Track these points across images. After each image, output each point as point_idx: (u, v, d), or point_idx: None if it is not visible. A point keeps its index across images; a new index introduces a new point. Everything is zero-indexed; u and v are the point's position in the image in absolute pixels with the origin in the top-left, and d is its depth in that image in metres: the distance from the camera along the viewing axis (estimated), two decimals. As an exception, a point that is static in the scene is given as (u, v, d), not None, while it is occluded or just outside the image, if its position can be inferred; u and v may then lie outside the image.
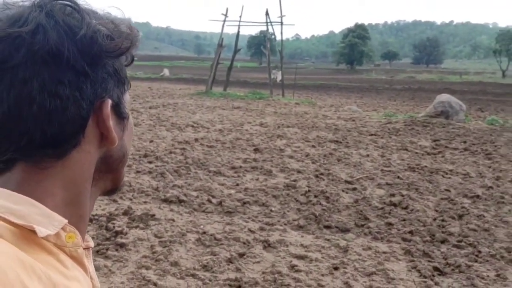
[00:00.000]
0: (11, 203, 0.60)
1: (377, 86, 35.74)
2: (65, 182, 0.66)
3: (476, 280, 4.09)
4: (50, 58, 0.61)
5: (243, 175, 7.13)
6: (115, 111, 0.70)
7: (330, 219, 5.43)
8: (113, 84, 0.69)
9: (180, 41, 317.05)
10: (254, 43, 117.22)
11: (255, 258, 4.31)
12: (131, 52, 0.73)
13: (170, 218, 5.13)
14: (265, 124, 12.24)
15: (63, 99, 0.62)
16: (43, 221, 0.61)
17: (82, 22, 0.64)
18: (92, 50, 0.65)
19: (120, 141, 0.72)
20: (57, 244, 0.62)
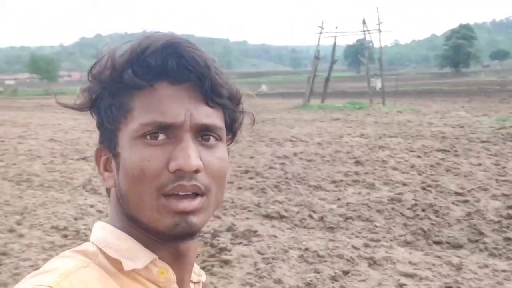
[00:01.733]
0: (112, 238, 0.68)
1: (486, 89, 33.35)
2: (113, 214, 0.72)
3: None
4: None
5: (345, 189, 6.97)
6: (110, 151, 0.69)
7: (440, 234, 5.10)
8: (106, 124, 0.69)
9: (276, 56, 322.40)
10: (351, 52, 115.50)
11: (360, 276, 4.15)
12: (128, 79, 0.66)
13: (272, 234, 5.14)
14: (366, 135, 11.91)
15: None
16: (134, 255, 0.66)
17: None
18: (86, 94, 0.70)
19: (117, 182, 0.68)
20: (150, 278, 0.67)
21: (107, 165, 0.71)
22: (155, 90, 0.65)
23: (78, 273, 0.61)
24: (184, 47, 0.66)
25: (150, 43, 0.65)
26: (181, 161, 0.62)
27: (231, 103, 0.71)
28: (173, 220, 0.63)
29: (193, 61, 0.65)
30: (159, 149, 0.64)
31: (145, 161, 0.63)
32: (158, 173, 0.63)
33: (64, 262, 0.63)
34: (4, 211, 6.07)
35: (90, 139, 11.83)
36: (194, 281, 0.78)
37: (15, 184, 7.59)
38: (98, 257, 0.66)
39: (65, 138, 12.61)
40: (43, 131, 14.17)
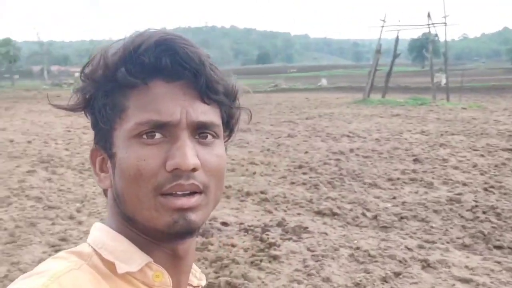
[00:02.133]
0: (108, 239, 0.67)
1: None
2: (109, 215, 0.71)
3: None
4: None
5: (401, 187, 6.76)
6: (106, 151, 0.68)
7: (501, 239, 4.84)
8: (100, 124, 0.67)
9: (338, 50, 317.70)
10: (415, 46, 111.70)
11: (412, 279, 4.01)
12: (121, 77, 0.64)
13: (323, 231, 5.07)
14: (427, 132, 11.50)
15: None
16: (128, 258, 0.65)
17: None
18: (79, 94, 0.69)
19: (113, 182, 0.67)
20: (145, 282, 0.66)
21: (103, 165, 0.70)
22: (149, 88, 0.64)
23: (69, 275, 0.60)
24: (177, 43, 0.64)
25: (143, 41, 0.64)
26: (178, 160, 0.61)
27: (227, 99, 0.69)
28: (171, 217, 0.62)
29: (187, 58, 0.64)
30: (156, 148, 0.63)
31: (142, 160, 0.62)
32: (155, 173, 0.62)
33: (56, 263, 0.62)
34: (66, 199, 6.39)
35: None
36: (194, 285, 0.77)
37: (77, 172, 7.97)
38: (92, 259, 0.65)
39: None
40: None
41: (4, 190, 7.01)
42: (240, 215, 5.70)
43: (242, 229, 5.16)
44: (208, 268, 4.26)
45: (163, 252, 0.68)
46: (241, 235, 5.04)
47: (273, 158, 9.00)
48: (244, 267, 4.23)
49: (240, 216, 5.65)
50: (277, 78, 47.39)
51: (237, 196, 6.50)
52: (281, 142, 10.76)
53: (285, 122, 14.31)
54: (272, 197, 6.32)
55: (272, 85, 39.98)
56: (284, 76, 52.19)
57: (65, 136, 12.26)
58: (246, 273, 4.10)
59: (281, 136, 11.68)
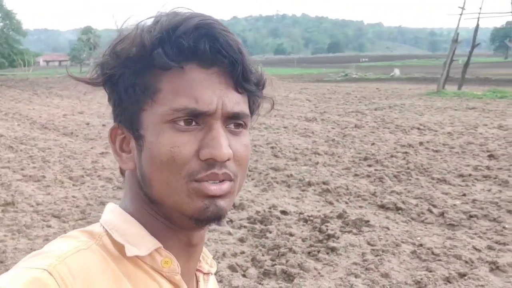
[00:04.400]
0: (119, 221, 0.67)
1: None
2: (127, 197, 0.71)
3: None
4: None
5: (472, 184, 6.41)
6: (131, 131, 0.66)
7: None
8: (125, 103, 0.66)
9: (413, 39, 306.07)
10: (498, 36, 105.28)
11: (479, 281, 3.79)
12: (158, 59, 0.62)
13: (385, 226, 4.92)
14: (505, 127, 10.80)
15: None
16: (138, 241, 0.65)
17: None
18: (100, 67, 0.66)
19: (139, 164, 0.65)
20: (153, 267, 0.66)
21: (123, 144, 0.68)
22: (184, 72, 0.62)
23: (76, 255, 0.60)
24: (217, 29, 0.63)
25: (182, 22, 0.62)
26: (213, 150, 0.61)
27: (257, 89, 0.68)
28: (203, 203, 0.62)
29: (227, 45, 0.62)
30: (189, 136, 0.62)
31: (175, 147, 0.62)
32: (189, 160, 0.62)
33: (65, 243, 0.63)
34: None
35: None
36: (205, 272, 0.77)
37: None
38: (102, 239, 0.65)
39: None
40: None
41: (79, 170, 7.42)
42: (300, 205, 5.65)
43: (301, 219, 5.12)
44: (264, 255, 4.26)
45: (176, 239, 0.68)
46: (300, 224, 5.00)
47: (338, 148, 8.84)
48: (301, 257, 4.19)
49: (300, 206, 5.60)
50: (348, 67, 46.42)
51: (298, 185, 6.45)
52: (347, 132, 10.54)
53: (353, 113, 14.00)
54: (334, 188, 6.20)
55: (342, 74, 39.26)
56: (355, 65, 51.06)
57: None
58: (302, 263, 4.07)
59: (347, 126, 11.45)
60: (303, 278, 3.86)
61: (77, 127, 11.99)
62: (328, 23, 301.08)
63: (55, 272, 0.56)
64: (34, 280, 0.55)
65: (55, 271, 0.56)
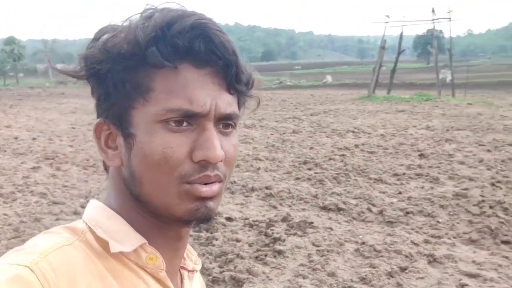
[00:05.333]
0: (103, 218, 0.66)
1: None
2: (111, 194, 0.69)
3: None
4: None
5: (407, 182, 6.72)
6: (119, 128, 0.65)
7: (509, 234, 4.80)
8: (113, 99, 0.64)
9: (342, 46, 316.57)
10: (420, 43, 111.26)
11: (419, 274, 3.98)
12: (152, 57, 0.61)
13: (328, 227, 5.04)
14: (432, 128, 11.43)
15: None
16: (122, 238, 0.64)
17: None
18: (86, 61, 0.64)
19: (127, 162, 0.64)
20: (138, 263, 0.65)
21: (109, 140, 0.66)
22: (178, 72, 0.62)
23: (59, 252, 0.59)
24: (212, 29, 0.62)
25: (176, 20, 0.61)
26: (207, 152, 0.61)
27: (247, 90, 0.68)
28: (194, 205, 0.62)
29: (222, 47, 0.62)
30: (182, 137, 0.62)
31: (168, 148, 0.61)
32: (181, 162, 0.61)
33: (47, 239, 0.61)
34: (70, 194, 6.39)
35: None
36: (189, 269, 0.76)
37: (82, 168, 7.97)
38: (86, 235, 0.64)
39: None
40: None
41: (9, 186, 7.02)
42: (245, 211, 5.67)
43: (246, 224, 5.14)
44: (212, 263, 4.24)
45: (162, 236, 0.67)
46: (245, 230, 5.02)
47: (278, 154, 8.97)
48: (248, 262, 4.20)
49: (244, 212, 5.62)
50: (282, 75, 47.22)
51: (241, 191, 6.48)
52: (286, 138, 10.71)
53: (290, 118, 14.26)
54: (277, 192, 6.28)
55: (277, 82, 39.89)
56: (289, 73, 52.04)
57: (70, 133, 12.27)
58: (250, 268, 4.08)
59: (286, 132, 11.64)
60: (252, 283, 3.87)
61: (4, 141, 11.35)
62: (260, 32, 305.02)
63: (37, 269, 0.55)
64: (16, 277, 0.54)
65: (37, 267, 0.55)
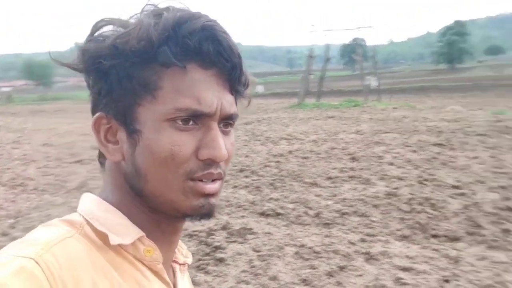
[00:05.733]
0: (100, 211, 0.67)
1: (482, 84, 33.36)
2: (107, 188, 0.70)
3: None
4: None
5: (340, 185, 6.92)
6: (122, 124, 0.66)
7: (437, 228, 5.06)
8: (117, 94, 0.64)
9: (272, 57, 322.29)
10: (346, 52, 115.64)
11: (357, 271, 4.10)
12: (163, 57, 0.62)
13: (267, 232, 5.08)
14: (361, 132, 11.87)
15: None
16: (121, 231, 0.65)
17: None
18: (88, 54, 0.64)
19: (130, 158, 0.65)
20: (136, 256, 0.66)
21: (108, 134, 0.67)
22: (186, 72, 0.63)
23: (62, 244, 0.59)
24: (220, 32, 0.65)
25: (186, 21, 0.63)
26: (213, 151, 0.64)
27: (244, 90, 0.71)
28: (198, 201, 0.65)
29: (229, 49, 0.65)
30: (189, 135, 0.64)
31: (175, 145, 0.63)
32: (187, 159, 0.64)
33: (49, 231, 0.62)
34: (-4, 215, 6.01)
35: (86, 143, 11.74)
36: (180, 262, 0.78)
37: (9, 188, 7.53)
38: (84, 228, 0.64)
39: (60, 142, 12.53)
40: (38, 136, 14.08)
41: None
42: (183, 221, 5.59)
43: (186, 235, 5.06)
44: (152, 276, 4.13)
45: (159, 229, 0.69)
46: (185, 240, 4.94)
47: (214, 163, 8.94)
48: (190, 272, 4.11)
49: (183, 222, 5.54)
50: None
51: (179, 202, 6.38)
52: (221, 147, 10.70)
53: (224, 128, 14.27)
54: (215, 201, 6.25)
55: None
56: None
57: (-8, 151, 11.56)
58: (193, 278, 4.01)
59: (220, 141, 11.63)
60: (195, 293, 3.81)
61: None
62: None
63: (42, 262, 0.55)
64: (21, 269, 0.54)
65: (42, 260, 0.56)
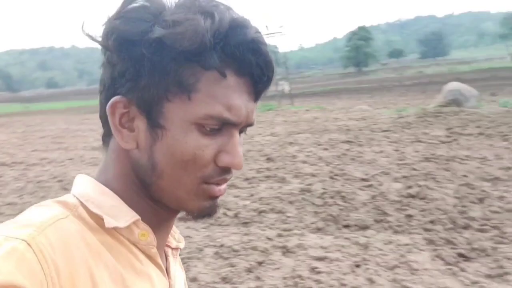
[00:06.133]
0: (95, 193, 0.66)
1: (386, 85, 35.50)
2: (109, 172, 0.69)
3: (503, 261, 3.96)
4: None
5: (257, 185, 7.07)
6: (145, 114, 0.64)
7: (348, 218, 5.35)
8: (145, 83, 0.62)
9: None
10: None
11: (275, 265, 4.24)
12: (212, 62, 0.61)
13: (187, 235, 5.09)
14: (276, 133, 12.19)
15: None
16: (116, 213, 0.65)
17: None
18: (121, 35, 0.63)
19: (147, 150, 0.64)
20: (130, 239, 0.66)
21: (123, 119, 0.65)
22: (224, 79, 0.63)
23: (56, 225, 0.58)
24: (263, 45, 0.65)
25: (237, 28, 0.62)
26: (233, 159, 0.64)
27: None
28: (207, 202, 0.66)
29: (269, 64, 0.65)
30: (212, 140, 0.64)
31: (200, 150, 0.63)
32: (207, 164, 0.64)
33: (42, 212, 0.61)
34: None
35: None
36: (172, 247, 0.78)
37: None
38: (78, 210, 0.63)
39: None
40: None
41: None
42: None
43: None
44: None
45: (155, 216, 0.69)
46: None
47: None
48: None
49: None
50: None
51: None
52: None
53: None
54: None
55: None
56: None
57: None
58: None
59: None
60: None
61: None
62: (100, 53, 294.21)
63: (34, 244, 0.54)
64: (12, 251, 0.53)
65: (34, 242, 0.54)
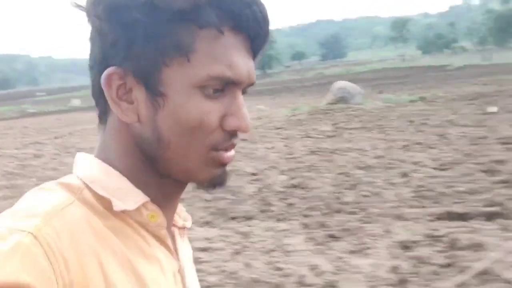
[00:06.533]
0: (101, 174, 0.61)
1: (289, 86, 36.75)
2: (111, 150, 0.63)
3: (365, 238, 4.43)
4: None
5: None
6: (143, 83, 0.59)
7: (235, 210, 5.61)
8: (140, 49, 0.58)
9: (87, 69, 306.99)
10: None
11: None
12: (208, 19, 0.57)
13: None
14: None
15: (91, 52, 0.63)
16: (124, 195, 0.60)
17: None
18: (114, 5, 0.57)
19: (150, 122, 0.60)
20: (139, 221, 0.61)
21: (119, 91, 0.60)
22: (221, 36, 0.59)
23: (62, 213, 0.54)
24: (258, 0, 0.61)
25: None
26: (239, 122, 0.60)
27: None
28: (217, 170, 0.62)
29: (266, 18, 0.61)
30: (216, 103, 0.60)
31: (205, 114, 0.59)
32: (214, 129, 0.60)
33: (46, 197, 0.56)
34: None
35: None
36: (179, 225, 0.72)
37: None
38: (83, 193, 0.59)
39: None
40: None
41: None
42: None
43: None
44: None
45: (162, 193, 0.64)
46: None
47: (18, 180, 8.40)
48: None
49: None
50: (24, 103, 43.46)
51: None
52: (27, 163, 10.08)
53: (31, 144, 13.39)
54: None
55: (17, 111, 36.54)
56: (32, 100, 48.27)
57: None
58: None
59: (26, 158, 10.93)
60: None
61: None
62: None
63: (41, 236, 0.51)
64: (17, 245, 0.49)
65: (41, 235, 0.51)
